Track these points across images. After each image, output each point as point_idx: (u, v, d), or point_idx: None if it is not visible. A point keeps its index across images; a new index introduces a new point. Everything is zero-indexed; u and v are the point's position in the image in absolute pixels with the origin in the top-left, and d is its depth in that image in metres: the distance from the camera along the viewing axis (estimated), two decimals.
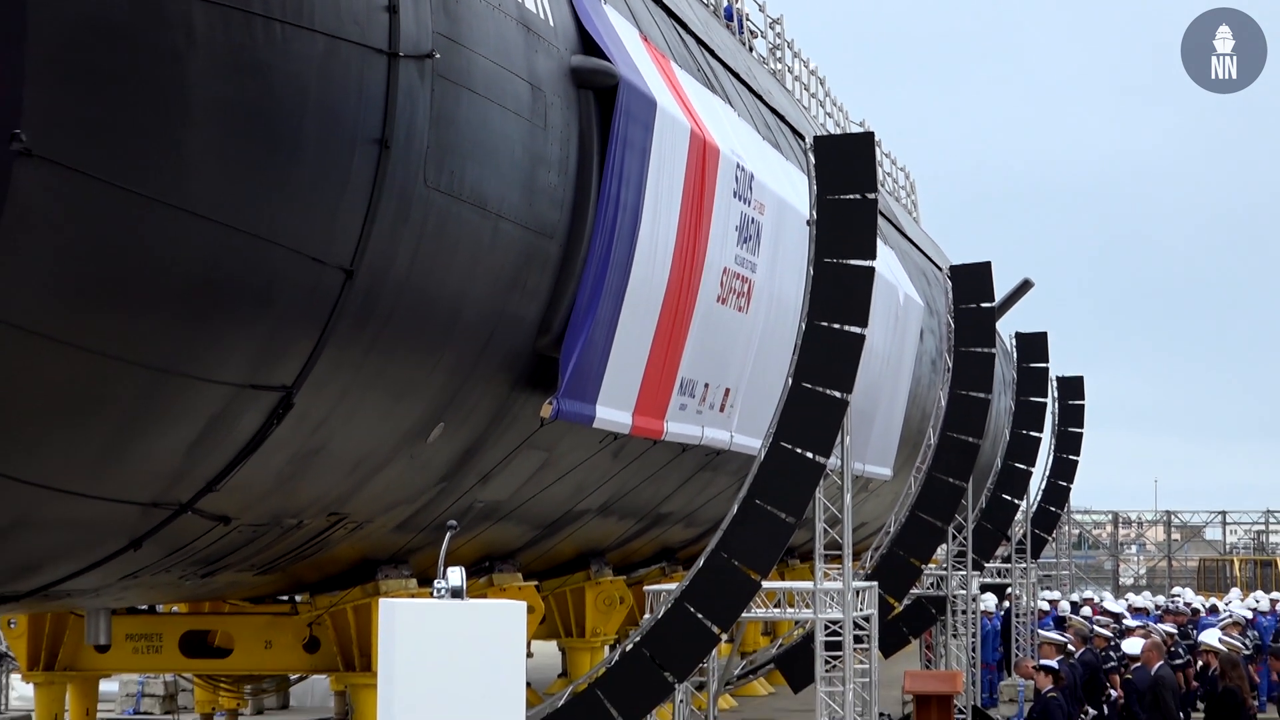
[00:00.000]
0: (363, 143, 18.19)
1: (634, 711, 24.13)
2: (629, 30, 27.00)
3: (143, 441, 17.52)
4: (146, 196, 15.84)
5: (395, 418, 21.46)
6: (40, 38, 14.89)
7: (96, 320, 16.05)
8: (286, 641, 26.97)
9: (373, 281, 18.82)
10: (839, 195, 24.66)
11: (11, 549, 18.03)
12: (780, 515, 24.16)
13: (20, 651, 28.22)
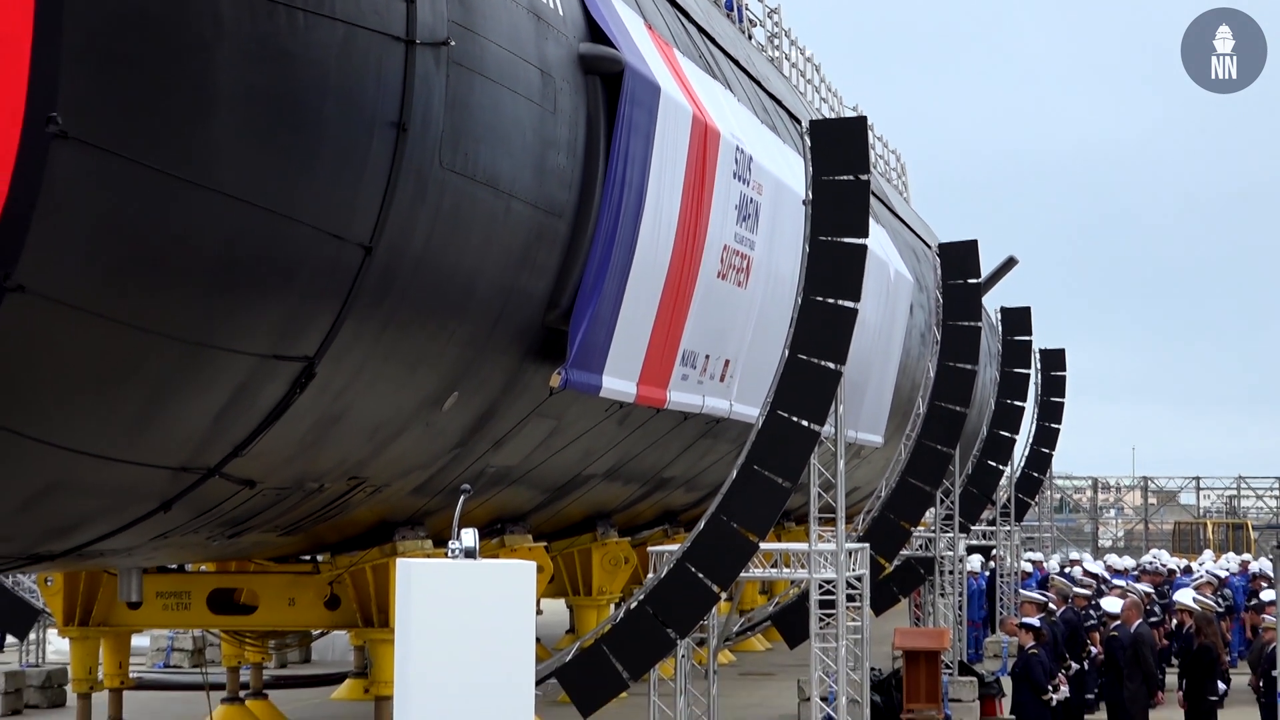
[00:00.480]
0: (381, 126, 18.19)
1: (638, 666, 24.17)
2: (634, 19, 26.98)
3: (173, 409, 17.54)
4: (176, 177, 15.85)
5: (412, 387, 21.48)
6: (76, 26, 14.89)
7: (128, 294, 16.06)
8: (308, 599, 27.02)
9: (390, 258, 18.84)
10: (833, 176, 24.66)
11: (48, 511, 18.06)
12: (777, 480, 24.18)
13: (56, 608, 28.27)
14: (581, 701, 24.37)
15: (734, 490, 24.26)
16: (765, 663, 43.41)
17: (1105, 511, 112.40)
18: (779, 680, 37.84)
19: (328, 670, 39.94)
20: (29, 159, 14.81)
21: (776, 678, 38.78)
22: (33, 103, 14.76)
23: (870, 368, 42.90)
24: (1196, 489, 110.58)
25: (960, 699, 33.90)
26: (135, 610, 26.89)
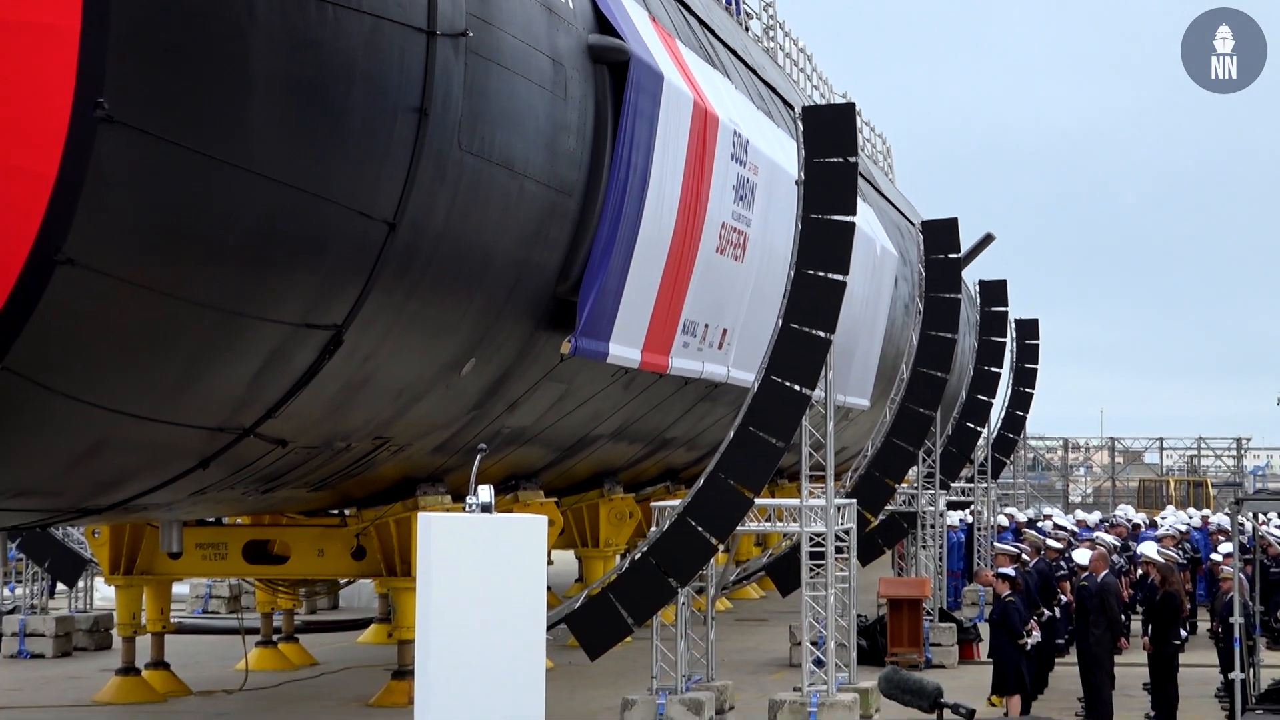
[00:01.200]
0: (404, 111, 18.19)
1: (641, 612, 24.19)
2: (639, 12, 26.95)
3: (211, 373, 17.55)
4: (213, 158, 15.84)
5: (433, 353, 21.48)
6: (121, 17, 14.87)
7: (169, 267, 16.07)
8: (336, 550, 27.07)
9: (413, 233, 18.84)
10: (824, 159, 24.63)
11: (95, 468, 18.09)
12: (771, 440, 24.17)
13: (103, 557, 28.34)
14: (589, 645, 24.40)
15: (731, 450, 24.27)
16: (759, 610, 43.42)
17: (1075, 470, 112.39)
18: (772, 626, 37.85)
19: (354, 616, 39.98)
20: (77, 142, 14.81)
21: (770, 624, 38.80)
22: (81, 89, 14.75)
23: (857, 336, 42.89)
24: (1160, 449, 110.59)
25: (940, 643, 33.91)
26: (176, 560, 26.96)
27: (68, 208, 14.92)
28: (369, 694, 27.94)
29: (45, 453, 17.16)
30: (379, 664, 30.54)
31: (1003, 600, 26.45)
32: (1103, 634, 25.90)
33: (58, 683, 30.85)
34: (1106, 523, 51.92)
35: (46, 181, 14.83)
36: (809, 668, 25.38)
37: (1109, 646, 25.99)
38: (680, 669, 25.15)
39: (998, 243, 57.13)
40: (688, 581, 24.66)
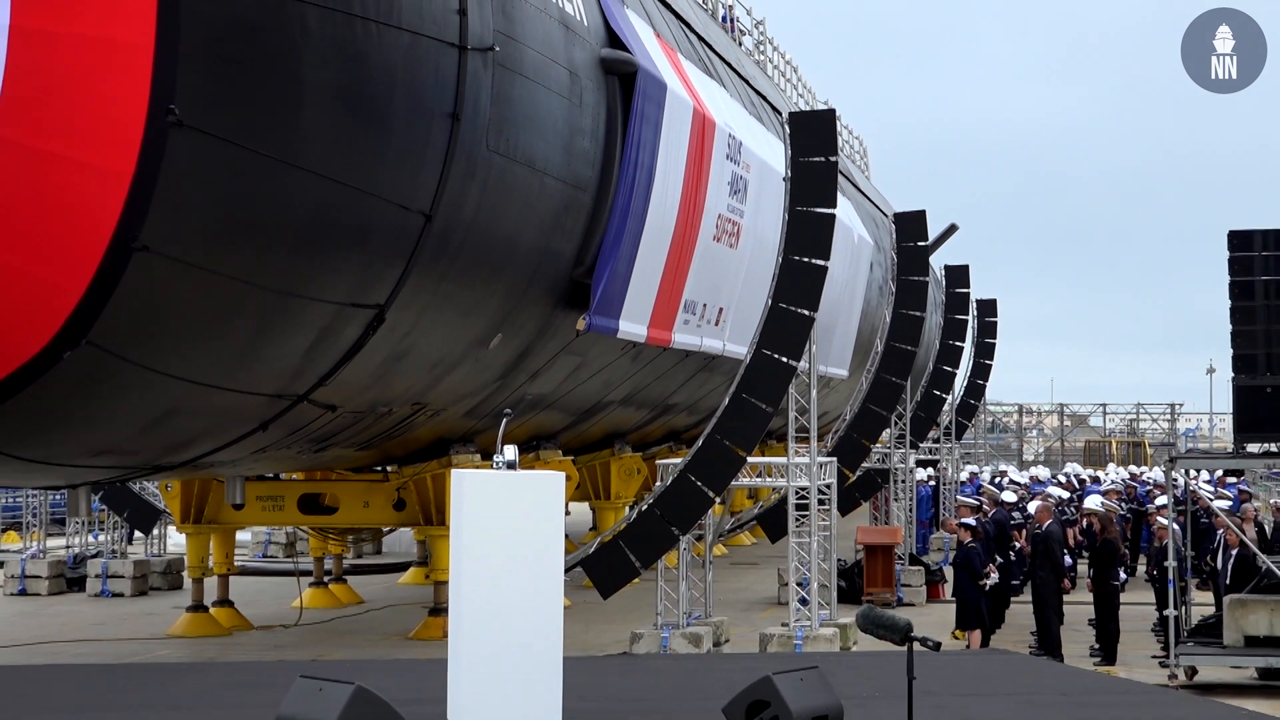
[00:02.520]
0: (439, 116, 18.20)
1: (647, 557, 24.22)
2: (645, 29, 26.92)
3: (269, 347, 17.57)
4: (271, 157, 15.86)
5: (464, 329, 21.49)
6: (191, 33, 14.88)
7: (233, 253, 16.09)
8: (380, 502, 27.08)
9: (446, 224, 18.85)
10: (808, 158, 24.61)
11: (168, 430, 18.12)
12: (762, 406, 24.18)
13: (175, 509, 28.36)
14: (602, 586, 24.44)
15: (726, 414, 24.28)
16: (751, 555, 43.43)
17: (1029, 432, 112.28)
18: (762, 569, 37.86)
19: (395, 560, 40.01)
20: (151, 144, 14.83)
21: (760, 567, 38.80)
22: (155, 97, 14.77)
23: (837, 314, 42.88)
24: (1103, 414, 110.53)
25: (910, 584, 33.91)
26: (239, 511, 26.98)
27: (143, 201, 14.94)
28: (408, 628, 27.97)
29: (124, 417, 17.19)
30: (417, 602, 30.57)
31: (965, 547, 26.48)
32: (1048, 576, 25.92)
33: (135, 618, 30.90)
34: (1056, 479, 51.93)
35: (124, 179, 14.86)
36: (795, 605, 25.40)
37: (1054, 587, 26.00)
38: (682, 607, 25.17)
39: (961, 231, 56.94)
40: (688, 530, 24.67)
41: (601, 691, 10.99)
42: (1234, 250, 25.79)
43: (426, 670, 10.84)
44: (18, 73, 14.39)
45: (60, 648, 26.68)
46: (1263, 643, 23.06)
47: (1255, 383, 25.33)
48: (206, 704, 10.95)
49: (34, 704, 10.95)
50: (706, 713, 9.42)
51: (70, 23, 14.53)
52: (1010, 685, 12.10)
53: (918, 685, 9.22)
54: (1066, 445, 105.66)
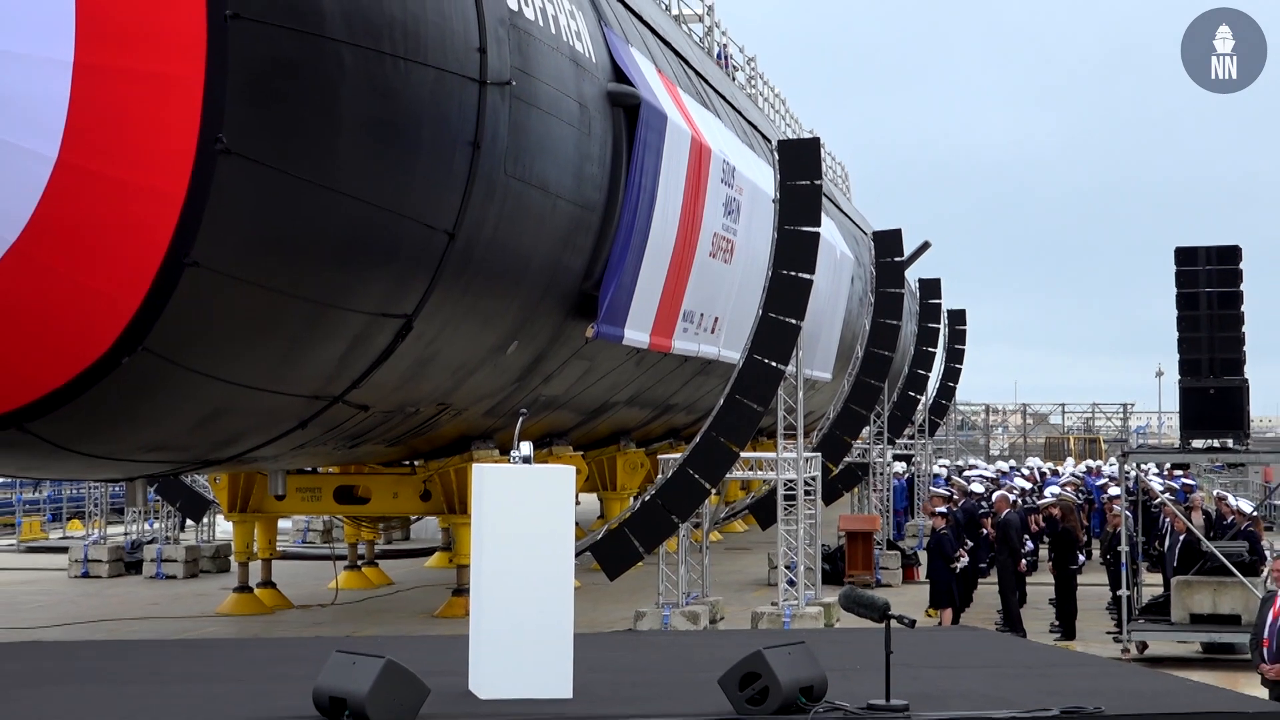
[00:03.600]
0: (461, 144, 18.20)
1: (650, 542, 24.21)
2: (648, 65, 26.93)
3: (308, 353, 17.58)
4: (310, 181, 15.86)
5: (484, 337, 21.50)
6: (237, 70, 14.89)
7: (275, 268, 16.09)
8: (408, 493, 27.10)
9: (468, 241, 18.86)
10: (795, 182, 24.60)
11: (216, 428, 18.12)
12: (753, 406, 24.17)
13: (222, 499, 28.38)
14: (609, 569, 24.43)
15: (721, 413, 24.27)
16: (744, 540, 43.44)
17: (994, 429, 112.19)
18: (754, 553, 37.86)
19: (422, 545, 40.02)
20: (201, 169, 14.83)
21: (752, 551, 38.80)
22: (204, 126, 14.78)
23: (822, 323, 42.87)
24: (1062, 412, 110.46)
25: (887, 567, 33.92)
26: (280, 501, 27.02)
27: (194, 221, 14.95)
28: (434, 607, 27.97)
29: (176, 417, 17.20)
30: (442, 584, 30.58)
31: (938, 533, 26.48)
32: (1006, 559, 25.94)
33: (187, 598, 30.92)
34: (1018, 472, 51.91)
35: (177, 201, 14.86)
36: (783, 586, 25.40)
37: (1012, 568, 26.03)
38: (681, 588, 25.16)
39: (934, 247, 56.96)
40: (687, 518, 24.66)
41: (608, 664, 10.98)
42: (1181, 265, 25.85)
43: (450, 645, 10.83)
44: (81, 105, 14.41)
45: (119, 625, 26.72)
46: (1206, 620, 23.08)
47: (1200, 385, 25.38)
48: (251, 676, 10.95)
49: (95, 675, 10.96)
50: (703, 684, 9.41)
51: (129, 59, 14.54)
52: (978, 659, 12.08)
53: (894, 658, 9.21)
54: (1029, 441, 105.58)
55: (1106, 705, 9.22)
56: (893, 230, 39.06)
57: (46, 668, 11.44)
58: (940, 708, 9.18)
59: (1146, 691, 10.37)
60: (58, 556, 38.75)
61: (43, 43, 14.32)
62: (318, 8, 15.66)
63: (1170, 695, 10.29)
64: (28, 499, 50.93)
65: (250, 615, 27.93)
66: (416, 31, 17.10)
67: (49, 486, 51.67)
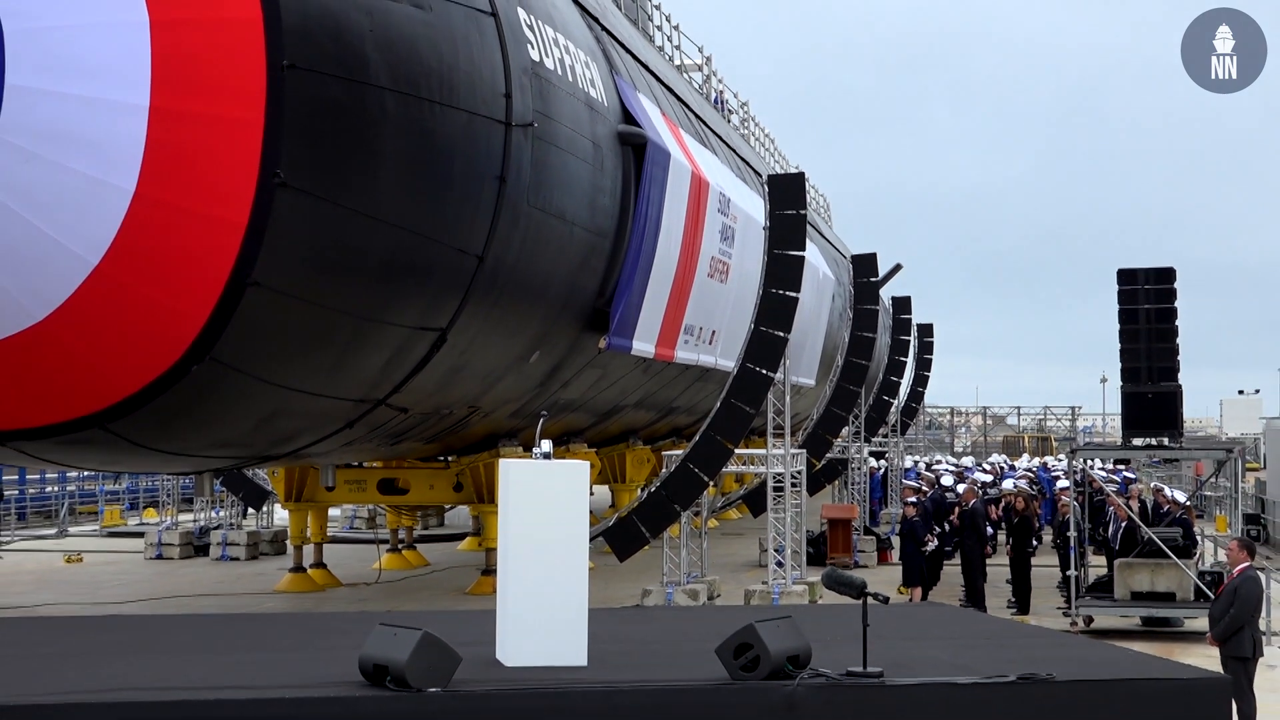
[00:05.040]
0: (489, 179, 18.21)
1: (655, 529, 24.23)
2: (653, 108, 26.94)
3: (355, 361, 17.58)
4: (357, 211, 15.87)
5: (509, 348, 21.50)
6: (292, 113, 14.91)
7: (326, 287, 16.10)
8: (443, 485, 27.11)
9: (495, 264, 18.86)
10: (782, 211, 24.63)
11: (274, 428, 18.13)
12: (746, 408, 24.19)
13: (279, 490, 28.42)
14: (619, 551, 24.45)
15: (718, 415, 24.29)
16: (738, 527, 43.44)
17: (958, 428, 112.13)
18: (747, 538, 37.87)
19: (455, 531, 40.06)
20: (261, 201, 14.85)
21: (745, 537, 38.81)
22: (264, 163, 14.79)
23: (806, 335, 42.86)
24: (1018, 414, 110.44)
25: (864, 550, 33.91)
26: (330, 491, 27.02)
27: (254, 246, 14.96)
28: (465, 586, 27.99)
29: (239, 418, 17.21)
30: (472, 565, 30.60)
31: (910, 520, 26.47)
32: (973, 544, 25.93)
33: (248, 578, 30.94)
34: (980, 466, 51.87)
35: (239, 228, 14.88)
36: (773, 567, 25.39)
37: (979, 551, 26.01)
38: (683, 568, 25.17)
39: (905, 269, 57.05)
40: (688, 507, 24.68)
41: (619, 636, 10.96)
42: (1122, 285, 25.88)
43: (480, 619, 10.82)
44: (156, 144, 14.43)
45: (187, 601, 26.73)
46: (1145, 597, 23.09)
47: (1139, 390, 25.39)
48: (304, 646, 10.94)
49: (167, 645, 10.95)
50: (703, 653, 9.39)
51: (197, 104, 14.57)
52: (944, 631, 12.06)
53: (870, 631, 9.20)
54: (988, 440, 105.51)
55: (1057, 672, 9.20)
56: (869, 254, 39.13)
57: (125, 638, 11.44)
58: (911, 674, 9.16)
59: (1093, 660, 10.35)
60: (135, 540, 38.80)
61: (123, 90, 14.35)
62: (363, 58, 15.68)
63: (1114, 664, 10.26)
64: (109, 489, 51.01)
65: (304, 592, 27.94)
66: (450, 79, 17.11)
67: (127, 478, 51.73)
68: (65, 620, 15.63)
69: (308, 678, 9.02)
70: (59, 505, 47.42)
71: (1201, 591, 22.40)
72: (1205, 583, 22.52)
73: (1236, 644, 14.87)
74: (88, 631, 12.29)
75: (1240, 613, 14.90)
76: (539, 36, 20.43)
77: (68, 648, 10.75)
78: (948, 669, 9.40)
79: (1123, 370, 25.65)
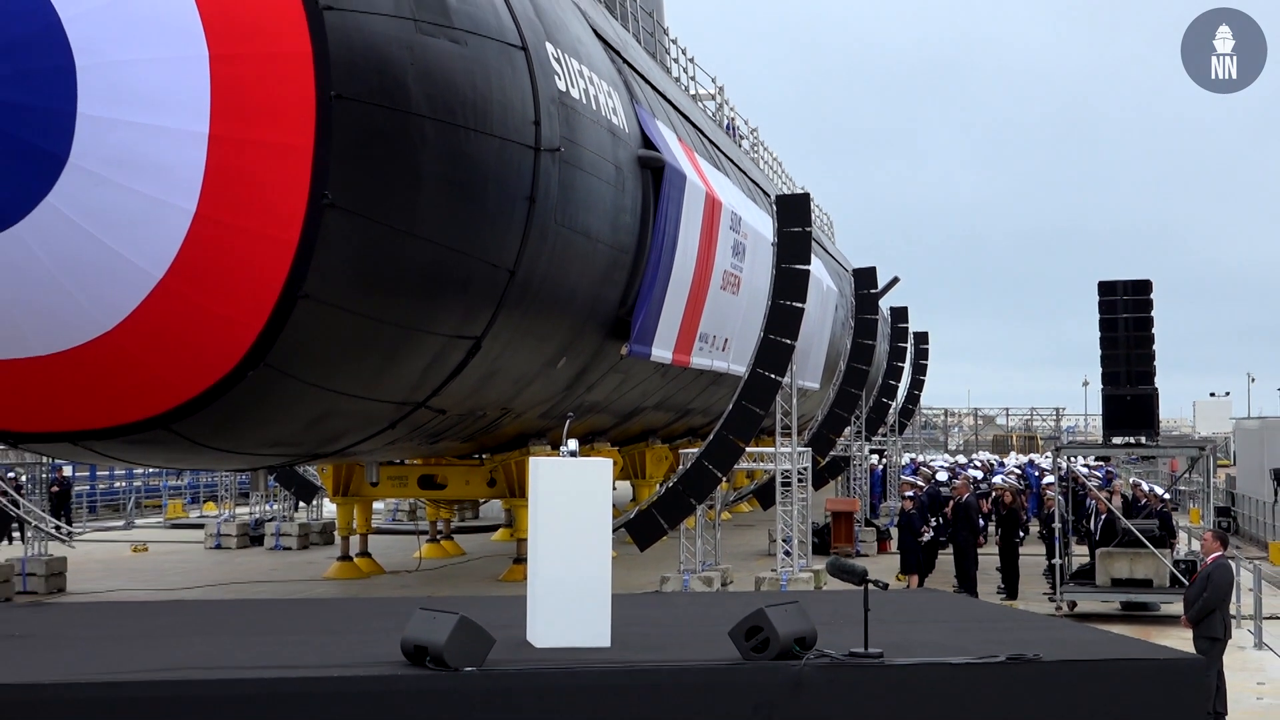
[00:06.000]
0: (520, 199, 18.23)
1: (673, 520, 24.20)
2: (670, 134, 26.95)
3: (397, 367, 17.61)
4: (399, 229, 15.90)
5: (538, 354, 21.52)
6: (340, 139, 14.95)
7: (370, 299, 16.13)
8: (478, 480, 27.13)
9: (525, 277, 18.88)
10: (789, 229, 24.61)
11: (323, 429, 18.17)
12: (756, 409, 24.16)
13: (328, 485, 28.46)
14: (639, 542, 24.43)
15: (731, 416, 24.26)
16: (749, 519, 43.39)
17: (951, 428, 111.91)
18: (757, 530, 37.83)
19: (489, 523, 40.08)
20: (311, 220, 14.89)
21: (755, 528, 38.77)
22: (314, 185, 14.84)
23: (811, 343, 42.83)
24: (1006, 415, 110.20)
25: (865, 540, 33.85)
26: (374, 487, 27.05)
27: (305, 262, 15.00)
28: (498, 573, 27.99)
29: (291, 419, 17.25)
30: (504, 554, 30.62)
31: (907, 513, 26.41)
32: (967, 535, 25.85)
33: (300, 566, 30.98)
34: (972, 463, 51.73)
35: (291, 245, 14.92)
36: (781, 556, 25.36)
37: (972, 542, 25.94)
38: (698, 557, 25.14)
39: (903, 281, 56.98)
40: (703, 501, 24.66)
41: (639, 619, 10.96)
42: (1103, 295, 25.82)
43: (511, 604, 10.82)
44: (215, 168, 14.49)
45: (244, 587, 26.79)
46: (1124, 583, 23.02)
47: (1118, 392, 25.31)
48: (350, 629, 10.96)
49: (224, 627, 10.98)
50: (717, 635, 9.38)
51: (253, 131, 14.62)
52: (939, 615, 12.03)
53: (871, 615, 9.19)
54: (979, 438, 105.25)
55: (1044, 653, 9.18)
56: (869, 268, 39.05)
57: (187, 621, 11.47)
58: (909, 655, 9.15)
59: (1077, 641, 10.32)
60: (195, 531, 38.91)
61: (185, 119, 14.40)
62: (405, 89, 15.72)
63: (1096, 645, 10.23)
64: (172, 485, 51.14)
65: (350, 579, 27.97)
66: (484, 109, 17.14)
67: (189, 474, 51.87)
68: (132, 605, 15.68)
69: (354, 657, 9.03)
70: (126, 499, 47.56)
71: (1176, 578, 22.33)
72: (1180, 571, 22.45)
73: (1209, 626, 14.88)
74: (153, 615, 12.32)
75: (1213, 597, 14.90)
76: (565, 69, 20.45)
77: (135, 630, 10.79)
78: (942, 650, 9.38)
79: (1103, 374, 25.57)
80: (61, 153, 14.11)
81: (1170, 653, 9.92)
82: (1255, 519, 41.41)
